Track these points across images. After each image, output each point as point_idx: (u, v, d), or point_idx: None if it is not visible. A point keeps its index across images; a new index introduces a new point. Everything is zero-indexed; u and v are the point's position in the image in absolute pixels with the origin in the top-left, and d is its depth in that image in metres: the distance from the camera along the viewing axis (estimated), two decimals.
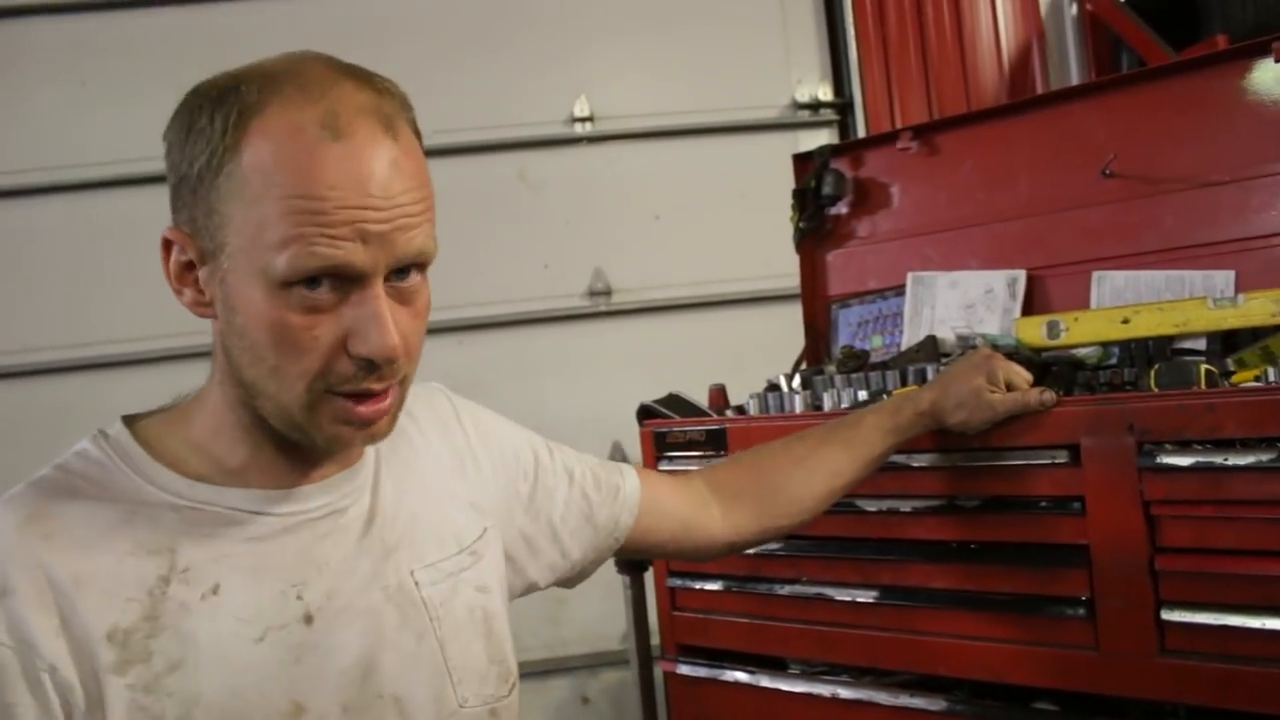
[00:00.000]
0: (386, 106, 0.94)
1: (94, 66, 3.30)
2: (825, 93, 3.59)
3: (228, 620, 0.97)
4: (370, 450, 1.11)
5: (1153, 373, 1.48)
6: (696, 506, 1.41)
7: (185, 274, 0.98)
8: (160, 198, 0.99)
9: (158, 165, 0.98)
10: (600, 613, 3.28)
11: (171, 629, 0.94)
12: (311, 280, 0.90)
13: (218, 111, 0.92)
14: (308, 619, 1.00)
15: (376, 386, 0.95)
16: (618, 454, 3.42)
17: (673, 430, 1.85)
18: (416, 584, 1.09)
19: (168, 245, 0.98)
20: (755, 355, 3.24)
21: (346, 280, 0.92)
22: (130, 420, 1.04)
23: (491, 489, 1.23)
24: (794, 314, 2.84)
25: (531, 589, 1.30)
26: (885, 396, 1.74)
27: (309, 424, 0.96)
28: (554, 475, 1.31)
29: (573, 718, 3.38)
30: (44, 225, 3.30)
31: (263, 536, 1.00)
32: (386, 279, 0.94)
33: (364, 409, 0.96)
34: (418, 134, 0.99)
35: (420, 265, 0.97)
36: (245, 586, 0.98)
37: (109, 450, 1.00)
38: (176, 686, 0.93)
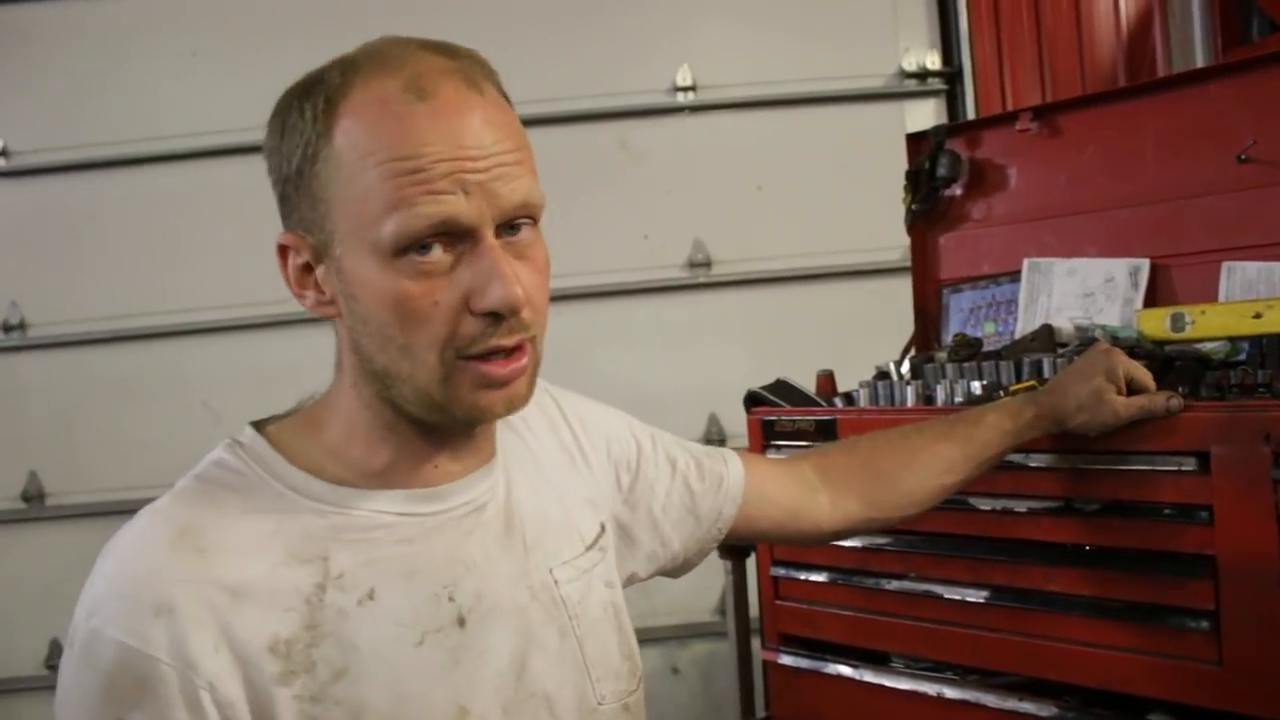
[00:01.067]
0: (465, 67, 0.95)
1: (204, 37, 3.35)
2: (934, 61, 3.48)
3: (387, 625, 0.96)
4: (500, 445, 1.11)
5: None
6: (804, 493, 1.39)
7: (304, 277, 0.99)
8: (261, 166, 1.00)
9: (262, 136, 0.99)
10: (692, 584, 3.22)
11: (332, 636, 0.94)
12: (422, 246, 0.90)
13: (306, 103, 0.94)
14: (460, 621, 1.00)
15: (507, 342, 0.94)
16: (714, 427, 3.41)
17: (781, 419, 1.83)
18: (555, 582, 1.09)
19: (283, 251, 0.99)
20: (856, 330, 3.22)
21: (456, 238, 0.92)
22: (259, 426, 1.03)
23: (600, 483, 1.23)
24: (896, 289, 2.78)
25: (632, 580, 1.29)
26: (1000, 389, 1.70)
27: (448, 398, 0.95)
28: (656, 466, 1.29)
29: (663, 688, 3.40)
30: (154, 194, 3.37)
31: (412, 538, 1.00)
32: (498, 235, 0.93)
33: (499, 369, 0.95)
34: (506, 96, 0.99)
35: (530, 217, 0.96)
36: (400, 590, 0.98)
37: (247, 458, 1.00)
38: (343, 695, 0.93)
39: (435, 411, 0.96)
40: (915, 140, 2.22)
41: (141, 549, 0.93)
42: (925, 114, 3.47)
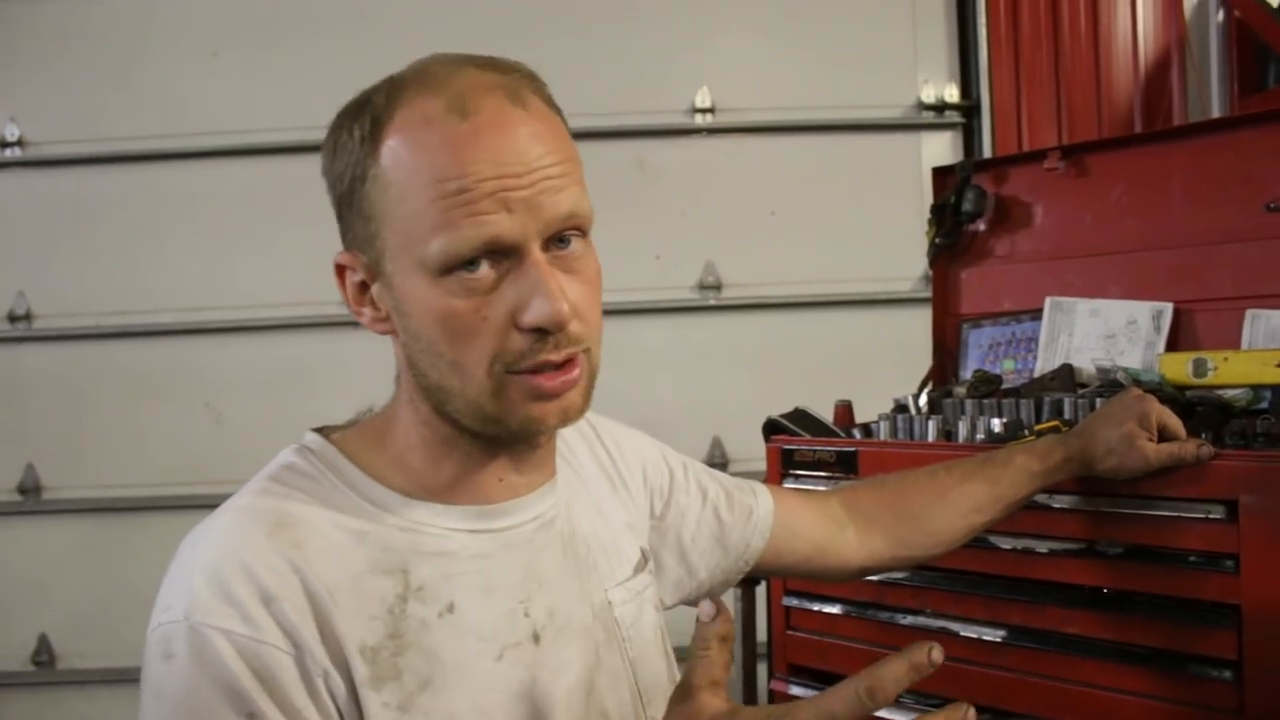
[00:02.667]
0: (511, 82, 0.95)
1: (226, 37, 3.34)
2: (952, 94, 3.50)
3: (468, 638, 0.96)
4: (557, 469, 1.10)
5: None
6: (831, 529, 1.39)
7: (361, 295, 0.99)
8: (286, 167, 0.99)
9: (284, 136, 0.98)
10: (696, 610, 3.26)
11: (415, 647, 0.93)
12: (469, 262, 0.90)
13: (355, 124, 0.94)
14: (536, 637, 1.00)
15: (555, 357, 0.93)
16: (718, 450, 3.40)
17: (801, 449, 1.82)
18: (610, 603, 1.09)
19: (341, 271, 1.00)
20: (863, 360, 3.22)
21: (502, 255, 0.91)
22: (322, 434, 1.03)
23: (638, 508, 1.23)
24: (906, 320, 2.79)
25: (658, 607, 1.28)
26: (1023, 428, 1.69)
27: (501, 411, 0.94)
28: (687, 494, 1.29)
29: None
30: (173, 190, 3.37)
31: (487, 554, 1.00)
32: (546, 248, 0.93)
33: (548, 381, 0.94)
34: (555, 107, 0.99)
35: (579, 229, 0.95)
36: (478, 604, 0.97)
37: (320, 464, 0.99)
38: (430, 705, 0.92)
39: (490, 424, 0.96)
40: (941, 174, 2.21)
41: (236, 541, 0.91)
42: (942, 146, 3.49)
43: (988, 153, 3.37)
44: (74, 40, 3.35)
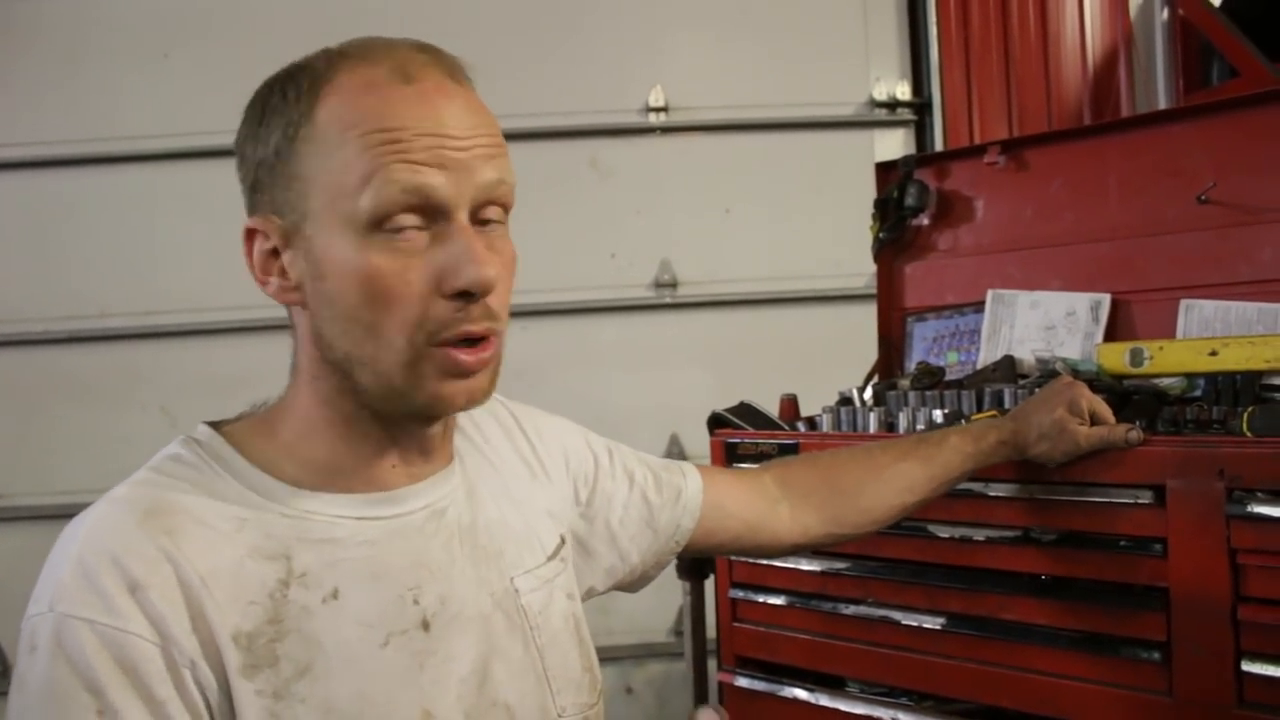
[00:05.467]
0: (449, 62, 0.97)
1: (177, 40, 3.32)
2: (904, 92, 3.53)
3: (351, 624, 0.95)
4: (457, 454, 1.10)
5: (1245, 415, 1.44)
6: (764, 506, 1.40)
7: (269, 263, 0.98)
8: (226, 171, 1.00)
9: (231, 140, 0.99)
10: (648, 604, 3.27)
11: (296, 633, 0.92)
12: (397, 224, 0.91)
13: (289, 87, 0.95)
14: (425, 625, 0.99)
15: (476, 328, 0.94)
16: (675, 447, 3.41)
17: (744, 441, 1.83)
18: (517, 591, 1.09)
19: (250, 236, 0.98)
20: (819, 355, 3.24)
21: (430, 218, 0.92)
22: (214, 426, 1.02)
23: (559, 495, 1.23)
24: (861, 315, 2.80)
25: (590, 593, 1.29)
26: (962, 418, 1.72)
27: (410, 385, 0.94)
28: (613, 479, 1.29)
29: (618, 708, 3.39)
30: (122, 194, 3.34)
31: (375, 540, 0.99)
32: (473, 222, 0.94)
33: (467, 355, 0.94)
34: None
35: (502, 204, 0.97)
36: (364, 591, 0.96)
37: (204, 455, 0.98)
38: (307, 692, 0.91)
39: (394, 399, 0.95)
40: (884, 169, 2.24)
41: (107, 530, 0.90)
42: (894, 143, 3.52)
43: (940, 149, 3.40)
44: (21, 42, 3.31)
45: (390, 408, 0.97)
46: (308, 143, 0.93)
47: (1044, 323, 2.01)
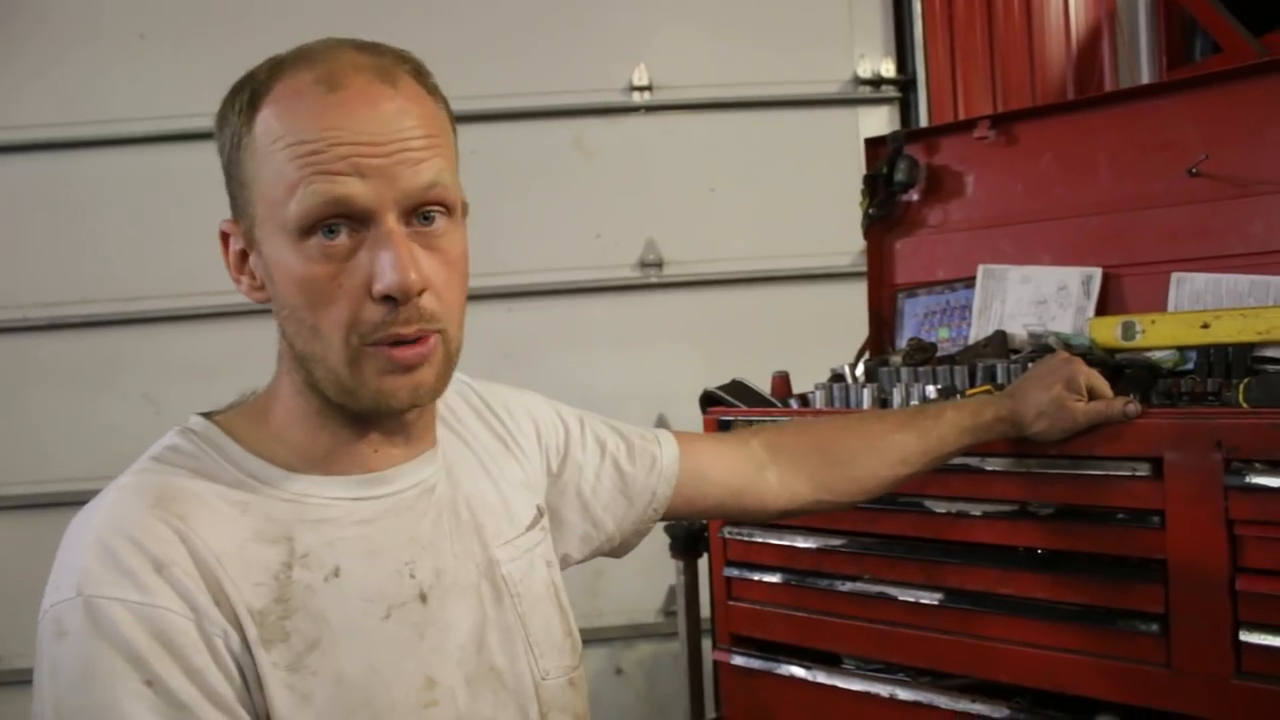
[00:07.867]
0: (385, 63, 0.98)
1: (154, 20, 3.27)
2: (888, 69, 3.52)
3: (354, 600, 0.99)
4: (439, 437, 1.13)
5: (1241, 387, 1.44)
6: (749, 471, 1.41)
7: (241, 263, 1.02)
8: (213, 152, 1.01)
9: (209, 122, 1.00)
10: (638, 586, 3.28)
11: (302, 610, 0.96)
12: (329, 230, 0.93)
13: (236, 99, 0.98)
14: (423, 597, 1.03)
15: (406, 331, 0.95)
16: (663, 426, 3.39)
17: (737, 420, 1.83)
18: (498, 562, 1.12)
19: (225, 238, 1.03)
20: (808, 333, 3.22)
21: (358, 222, 0.94)
22: (206, 417, 1.05)
23: (533, 467, 1.25)
24: (848, 293, 2.80)
25: (567, 561, 1.31)
26: (955, 394, 1.71)
27: (355, 382, 0.97)
28: (584, 448, 1.31)
29: (607, 689, 3.39)
30: (101, 178, 3.29)
31: (370, 519, 1.03)
32: (408, 223, 0.96)
33: (402, 352, 0.96)
34: (436, 94, 1.02)
35: (441, 207, 0.98)
36: (364, 567, 1.00)
37: (202, 444, 1.01)
38: (318, 665, 0.95)
39: (346, 396, 0.99)
40: (874, 145, 2.23)
41: (121, 515, 0.93)
42: (879, 121, 3.51)
43: (926, 125, 3.39)
44: None
45: (344, 401, 0.99)
46: (248, 152, 0.96)
47: (1035, 297, 2.01)
